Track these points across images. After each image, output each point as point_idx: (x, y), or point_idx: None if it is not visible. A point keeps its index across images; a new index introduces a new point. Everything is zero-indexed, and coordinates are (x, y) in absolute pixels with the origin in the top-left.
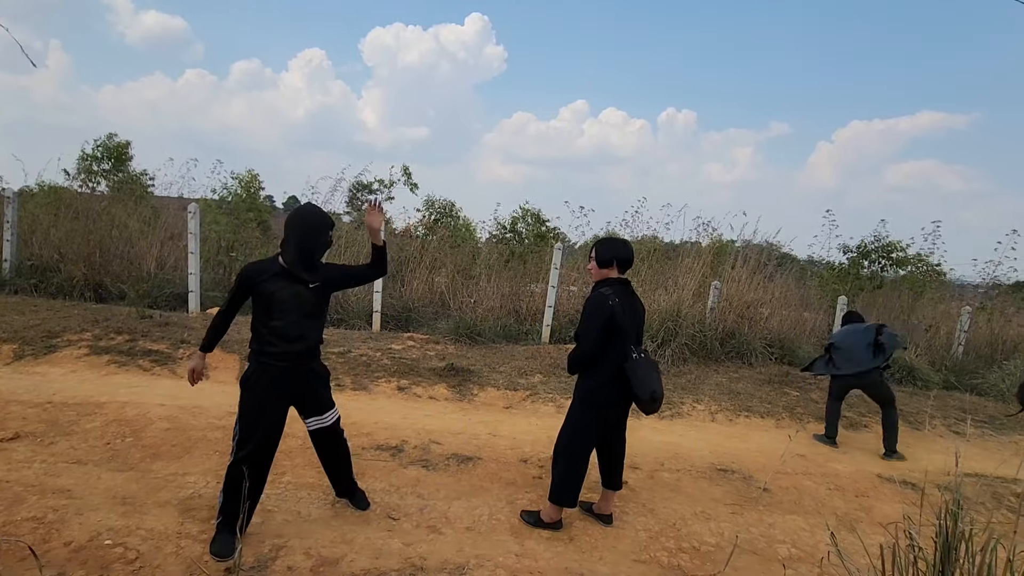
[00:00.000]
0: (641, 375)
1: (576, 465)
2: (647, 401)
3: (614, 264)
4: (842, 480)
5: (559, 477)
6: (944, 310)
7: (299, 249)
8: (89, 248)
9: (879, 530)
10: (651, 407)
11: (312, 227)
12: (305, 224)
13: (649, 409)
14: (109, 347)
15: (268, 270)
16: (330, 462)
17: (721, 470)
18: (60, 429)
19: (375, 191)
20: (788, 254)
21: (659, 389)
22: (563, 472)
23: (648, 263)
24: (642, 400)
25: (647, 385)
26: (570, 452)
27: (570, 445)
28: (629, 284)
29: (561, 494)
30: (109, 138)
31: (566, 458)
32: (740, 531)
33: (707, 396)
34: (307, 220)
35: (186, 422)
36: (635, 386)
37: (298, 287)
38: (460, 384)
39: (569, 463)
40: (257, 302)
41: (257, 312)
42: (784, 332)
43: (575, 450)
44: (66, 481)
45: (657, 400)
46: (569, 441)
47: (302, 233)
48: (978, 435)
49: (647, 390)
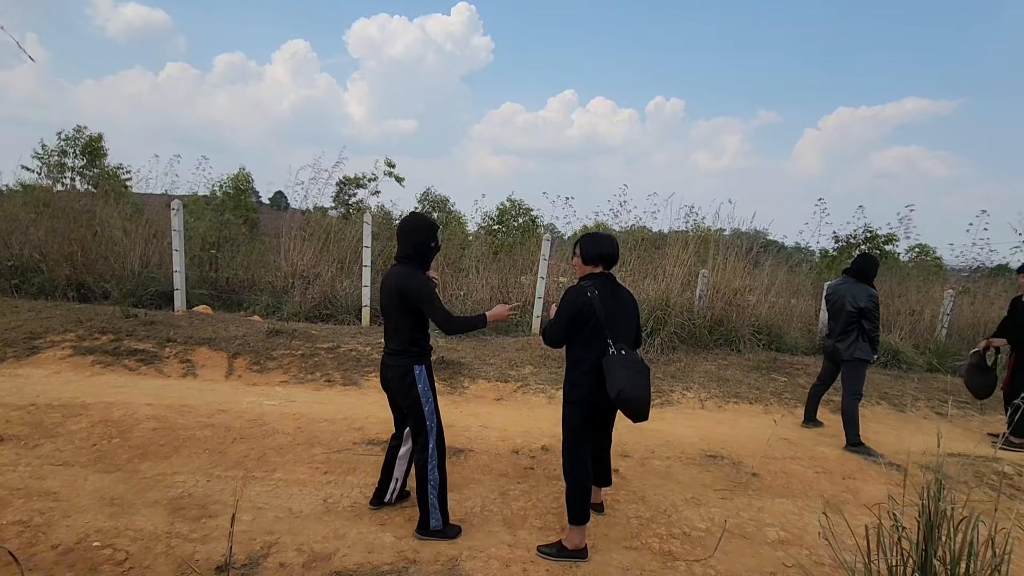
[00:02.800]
0: (612, 372)
1: (580, 474)
2: (615, 400)
3: (599, 260)
4: (829, 463)
5: (574, 495)
6: (928, 294)
7: (419, 253)
8: (71, 247)
9: (865, 511)
10: (626, 408)
11: (423, 232)
12: (417, 229)
13: (626, 410)
14: (94, 347)
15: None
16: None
17: (711, 456)
18: (45, 431)
19: (362, 185)
20: (774, 241)
21: (628, 389)
22: (574, 486)
23: (636, 253)
24: (612, 399)
25: (614, 383)
26: (573, 461)
27: (571, 453)
28: (613, 278)
29: (579, 511)
30: (78, 131)
31: (571, 469)
32: (730, 516)
33: (696, 384)
34: (418, 225)
35: (174, 421)
36: (607, 383)
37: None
38: (451, 377)
39: (576, 474)
40: (419, 311)
41: (420, 320)
42: (772, 319)
43: (576, 456)
44: (52, 484)
45: (626, 402)
46: (570, 448)
47: (418, 239)
48: (961, 416)
49: (614, 388)
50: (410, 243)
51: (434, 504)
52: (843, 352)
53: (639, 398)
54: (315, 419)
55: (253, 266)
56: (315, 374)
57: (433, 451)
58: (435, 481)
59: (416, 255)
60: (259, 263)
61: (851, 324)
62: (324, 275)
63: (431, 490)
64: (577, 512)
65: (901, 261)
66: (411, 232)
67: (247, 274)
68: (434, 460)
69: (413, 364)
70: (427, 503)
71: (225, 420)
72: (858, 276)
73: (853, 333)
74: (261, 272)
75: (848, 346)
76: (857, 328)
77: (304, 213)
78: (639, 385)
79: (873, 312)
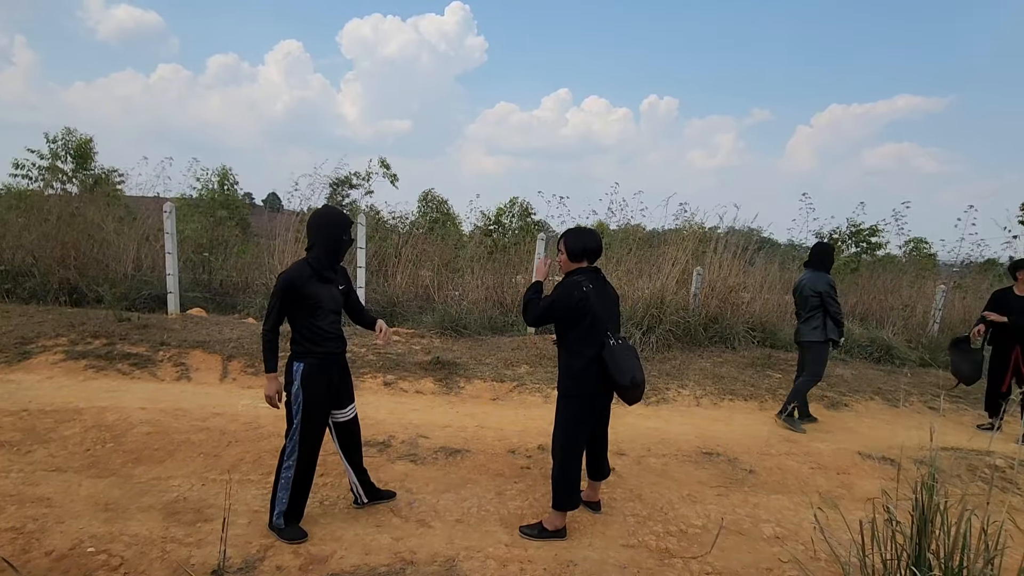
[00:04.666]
0: (620, 361)
1: (573, 465)
2: (628, 387)
3: (584, 255)
4: (824, 459)
5: (560, 482)
6: (920, 289)
7: (325, 249)
8: (63, 251)
9: (860, 506)
10: (632, 394)
11: (333, 227)
12: (327, 224)
13: (630, 396)
14: (86, 351)
15: (304, 274)
16: (354, 454)
17: (707, 453)
18: (37, 437)
19: (355, 185)
20: (769, 239)
21: (639, 375)
22: (562, 476)
23: (632, 251)
24: (623, 386)
25: (626, 371)
26: (565, 452)
27: (564, 445)
28: (600, 272)
29: (565, 499)
30: (68, 133)
31: (562, 461)
32: (726, 512)
33: (692, 381)
34: (329, 220)
35: (168, 425)
36: (614, 373)
37: (331, 287)
38: (446, 377)
39: (566, 465)
40: (300, 305)
41: (299, 315)
42: (766, 316)
43: (568, 450)
44: (45, 490)
45: (638, 386)
46: (562, 442)
47: (326, 233)
48: (953, 410)
49: (627, 376)
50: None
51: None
52: (805, 335)
53: (644, 382)
54: None
55: (247, 268)
56: None
57: (292, 450)
58: (286, 479)
59: (315, 246)
60: (253, 265)
61: (812, 309)
62: None
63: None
64: (565, 501)
65: (895, 256)
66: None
67: (241, 276)
68: (292, 458)
69: (292, 360)
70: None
71: (220, 423)
72: (816, 266)
73: (815, 319)
74: (255, 274)
75: (810, 330)
76: (819, 314)
77: (298, 215)
78: (642, 369)
79: (831, 295)
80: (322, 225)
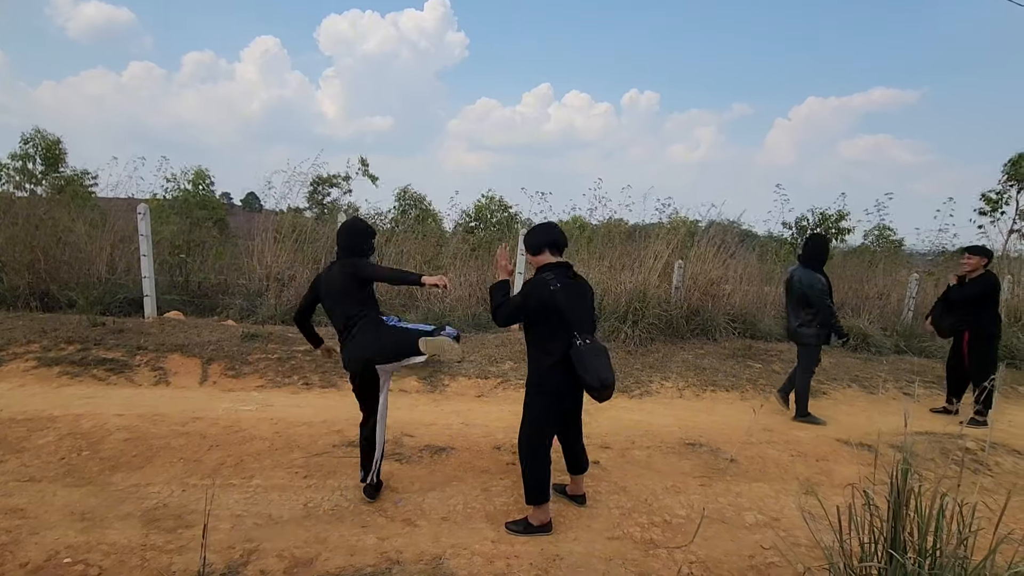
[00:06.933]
0: (587, 362)
1: (540, 459)
2: (597, 389)
3: (546, 249)
4: (804, 446)
5: (529, 476)
6: (894, 278)
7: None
8: (32, 255)
9: (840, 492)
10: (601, 395)
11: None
12: (353, 234)
13: (600, 396)
14: (60, 358)
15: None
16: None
17: (690, 444)
18: (9, 447)
19: (335, 185)
20: (749, 231)
21: (608, 375)
22: (530, 470)
23: (614, 246)
24: (592, 387)
25: (594, 372)
26: (531, 448)
27: (530, 441)
28: (571, 267)
29: (535, 493)
30: (36, 133)
31: (529, 455)
32: (709, 502)
33: (674, 373)
34: (355, 230)
35: (146, 431)
36: (582, 374)
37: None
38: (431, 375)
39: (533, 459)
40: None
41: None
42: (746, 307)
43: (535, 445)
44: (19, 500)
45: (608, 386)
46: (529, 436)
47: (351, 242)
48: (927, 395)
49: (595, 377)
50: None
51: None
52: (804, 338)
53: (613, 382)
54: (293, 423)
55: (226, 269)
56: (292, 377)
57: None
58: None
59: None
60: (232, 266)
61: (802, 308)
62: (299, 276)
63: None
64: (536, 494)
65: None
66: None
67: (219, 278)
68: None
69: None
70: (370, 462)
71: (200, 427)
72: (808, 263)
73: (804, 316)
74: (234, 275)
75: (810, 332)
76: (810, 312)
77: (278, 214)
78: (611, 368)
79: (823, 299)
80: (349, 234)
